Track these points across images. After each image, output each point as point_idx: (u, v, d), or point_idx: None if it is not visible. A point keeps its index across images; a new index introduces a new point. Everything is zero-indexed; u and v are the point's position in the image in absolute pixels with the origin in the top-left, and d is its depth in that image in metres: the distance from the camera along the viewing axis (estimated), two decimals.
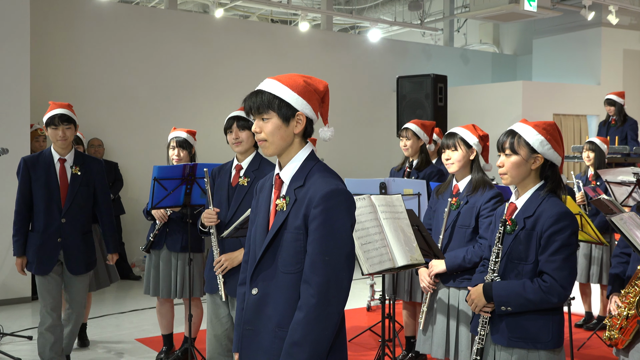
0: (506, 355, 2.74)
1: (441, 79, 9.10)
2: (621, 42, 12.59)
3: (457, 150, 3.58)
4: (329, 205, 2.17)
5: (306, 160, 2.31)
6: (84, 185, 4.52)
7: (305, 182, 2.25)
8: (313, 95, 2.33)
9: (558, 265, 2.68)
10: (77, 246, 4.50)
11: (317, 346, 2.14)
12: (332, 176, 2.28)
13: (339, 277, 2.18)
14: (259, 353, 2.28)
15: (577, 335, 5.72)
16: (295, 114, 2.27)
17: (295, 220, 2.22)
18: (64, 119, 4.37)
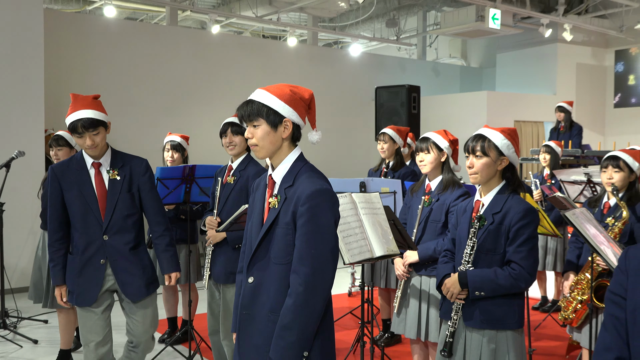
0: (478, 337, 2.77)
1: (415, 89, 9.14)
2: (575, 57, 12.70)
3: (429, 153, 3.60)
4: (314, 204, 2.19)
5: (295, 162, 2.32)
6: (125, 191, 3.38)
7: (294, 182, 2.27)
8: (299, 103, 2.35)
9: (525, 255, 2.72)
10: (128, 266, 3.38)
11: (304, 329, 2.17)
12: (318, 177, 2.29)
13: (324, 268, 2.20)
14: (254, 334, 2.30)
15: (534, 317, 5.77)
16: (283, 120, 2.28)
17: (285, 216, 2.24)
18: (87, 125, 3.23)
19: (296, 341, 2.17)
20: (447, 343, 2.83)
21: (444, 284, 2.85)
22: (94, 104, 3.30)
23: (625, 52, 12.27)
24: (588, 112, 12.55)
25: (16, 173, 5.71)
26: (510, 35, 12.36)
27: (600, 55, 13.08)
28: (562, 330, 5.36)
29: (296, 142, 2.36)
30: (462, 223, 2.90)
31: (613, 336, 1.49)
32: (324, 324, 2.28)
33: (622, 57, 12.31)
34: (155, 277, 3.54)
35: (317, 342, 2.24)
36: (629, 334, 1.46)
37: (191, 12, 11.63)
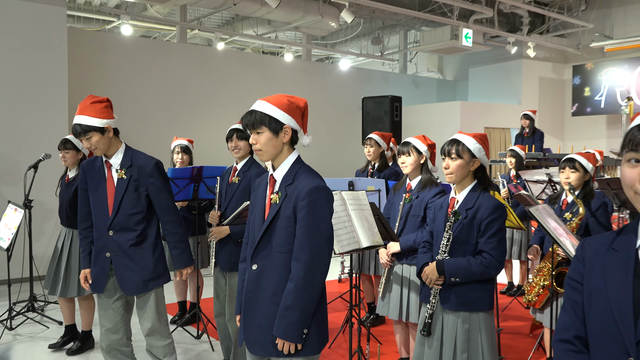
0: (453, 318, 2.77)
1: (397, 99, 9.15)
2: (537, 71, 12.75)
3: (410, 155, 3.60)
4: (312, 199, 2.21)
5: (294, 163, 2.34)
6: (131, 190, 3.15)
7: (294, 181, 2.29)
8: (296, 111, 2.36)
9: (494, 245, 2.73)
10: (128, 262, 3.16)
11: (304, 309, 2.20)
12: (315, 176, 2.32)
13: (321, 255, 2.23)
14: (259, 315, 2.31)
15: (501, 300, 5.79)
16: (283, 127, 2.29)
17: (286, 210, 2.25)
18: (78, 131, 3.07)
19: (297, 320, 2.19)
20: (426, 324, 2.83)
21: (423, 271, 2.85)
22: (88, 109, 3.07)
23: (582, 67, 12.33)
24: (549, 120, 12.60)
25: (43, 173, 5.70)
26: (481, 52, 12.40)
27: (560, 70, 13.14)
28: (526, 312, 5.38)
29: (294, 145, 2.37)
30: (438, 217, 2.91)
31: (572, 317, 1.49)
32: (320, 306, 2.29)
33: (578, 72, 12.36)
34: (157, 275, 3.22)
35: (314, 321, 2.26)
36: (585, 315, 1.46)
37: (199, 30, 11.59)
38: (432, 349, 2.82)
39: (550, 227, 3.14)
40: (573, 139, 12.66)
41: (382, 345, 4.57)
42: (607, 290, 1.39)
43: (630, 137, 1.33)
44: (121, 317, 3.28)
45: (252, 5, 8.96)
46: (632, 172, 1.32)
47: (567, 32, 12.30)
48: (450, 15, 10.18)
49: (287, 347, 2.22)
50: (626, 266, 1.38)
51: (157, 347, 3.19)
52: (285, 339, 2.20)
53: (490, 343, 2.77)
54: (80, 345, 4.53)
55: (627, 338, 1.33)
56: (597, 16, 12.01)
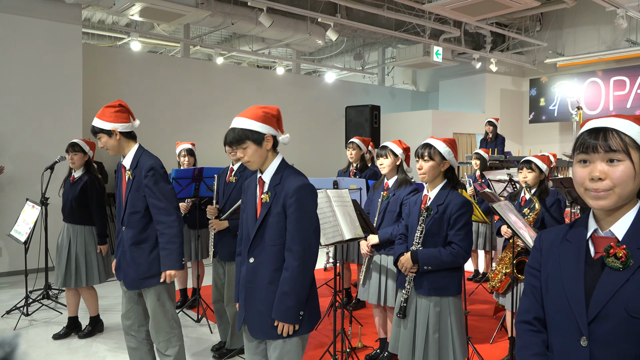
0: (426, 302, 2.76)
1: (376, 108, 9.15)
2: (499, 84, 12.81)
3: (387, 158, 3.59)
4: (300, 196, 2.21)
5: (279, 166, 2.32)
6: (134, 190, 3.00)
7: (281, 181, 2.27)
8: (272, 119, 2.33)
9: (462, 237, 2.72)
10: (128, 258, 3.01)
11: (300, 294, 2.21)
12: (300, 175, 2.31)
13: (311, 245, 2.23)
14: (257, 303, 2.29)
15: (468, 286, 5.81)
16: (264, 136, 2.27)
17: (276, 208, 2.24)
18: (91, 131, 3.04)
19: (294, 304, 2.20)
20: (402, 307, 2.81)
21: (399, 260, 2.84)
22: (101, 113, 2.99)
23: (537, 80, 12.41)
24: (509, 126, 12.67)
25: (59, 174, 5.61)
26: (450, 67, 12.44)
27: (518, 83, 13.22)
28: (490, 297, 5.39)
29: (276, 148, 2.35)
30: (413, 213, 2.89)
31: (531, 301, 1.49)
32: (312, 291, 2.30)
33: (535, 85, 12.44)
34: (151, 274, 2.98)
35: (307, 305, 2.27)
36: (543, 299, 1.46)
37: (200, 47, 11.51)
38: (407, 329, 2.80)
39: (510, 221, 3.14)
40: (530, 144, 12.75)
41: (363, 327, 4.56)
42: (561, 277, 1.39)
43: (580, 140, 1.35)
44: (133, 305, 3.12)
45: (248, 25, 8.91)
46: (583, 171, 1.34)
47: (524, 50, 12.38)
48: (423, 34, 10.20)
49: (286, 329, 2.22)
50: (578, 255, 1.38)
51: (158, 342, 3.06)
52: (284, 322, 2.21)
53: (459, 324, 2.76)
54: (90, 329, 4.45)
55: (580, 319, 1.33)
56: (551, 36, 12.09)
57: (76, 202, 4.25)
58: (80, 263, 4.27)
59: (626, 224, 1.34)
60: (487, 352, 4.02)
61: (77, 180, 4.31)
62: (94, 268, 4.30)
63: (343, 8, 9.08)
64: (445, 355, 2.72)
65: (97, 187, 4.30)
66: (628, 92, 10.91)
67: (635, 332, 1.26)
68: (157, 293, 3.03)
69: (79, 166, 4.33)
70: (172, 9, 7.33)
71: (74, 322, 4.51)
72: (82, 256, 4.28)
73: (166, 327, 3.05)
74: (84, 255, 4.28)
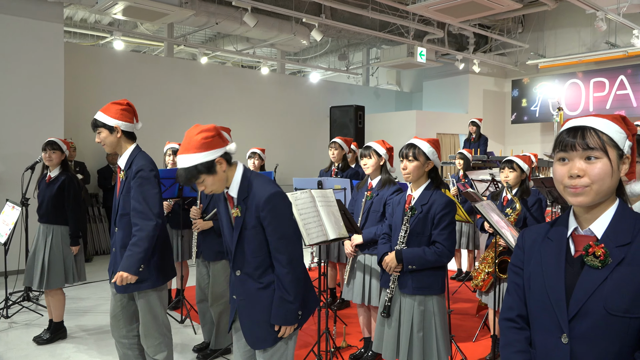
0: (410, 301, 2.77)
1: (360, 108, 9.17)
2: (481, 85, 12.92)
3: (371, 158, 3.59)
4: (271, 206, 2.16)
5: (242, 177, 2.23)
6: (125, 192, 2.90)
7: (249, 193, 2.20)
8: (216, 141, 2.14)
9: (446, 236, 2.73)
10: (118, 260, 2.90)
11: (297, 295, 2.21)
12: (266, 183, 2.21)
13: (295, 249, 2.22)
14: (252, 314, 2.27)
15: (451, 285, 5.84)
16: (214, 162, 2.14)
17: (250, 221, 2.19)
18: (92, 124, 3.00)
19: (294, 307, 2.21)
20: (386, 307, 2.82)
21: (384, 260, 2.84)
22: (107, 108, 2.96)
23: (519, 81, 12.54)
24: (492, 127, 12.78)
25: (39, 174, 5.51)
26: (433, 68, 12.52)
27: (501, 84, 13.35)
28: (473, 295, 5.43)
29: (230, 162, 2.21)
30: (396, 212, 2.89)
31: (514, 298, 1.51)
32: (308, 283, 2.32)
33: (517, 85, 12.57)
34: (142, 279, 2.84)
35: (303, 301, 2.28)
36: (526, 297, 1.47)
37: (184, 46, 11.43)
38: (391, 329, 2.80)
39: (493, 220, 3.17)
40: (512, 144, 12.88)
41: (347, 326, 4.56)
42: (543, 274, 1.41)
43: (560, 139, 1.38)
44: (121, 308, 3.03)
45: (233, 25, 8.87)
46: (562, 169, 1.36)
47: (506, 51, 12.51)
48: (407, 35, 10.25)
49: (288, 331, 2.24)
50: (559, 253, 1.40)
51: (147, 346, 2.99)
52: (285, 324, 2.22)
53: (443, 323, 2.77)
54: (50, 336, 4.30)
55: (560, 316, 1.35)
56: (532, 38, 12.23)
57: (53, 201, 4.15)
58: (52, 264, 4.15)
59: (605, 223, 1.36)
60: (470, 351, 4.05)
61: (54, 180, 4.21)
62: (69, 269, 4.20)
63: (327, 8, 9.08)
64: (429, 354, 2.73)
65: (75, 186, 4.20)
66: (607, 93, 11.09)
67: (614, 329, 1.28)
68: (148, 298, 2.95)
69: (56, 165, 4.24)
70: (155, 8, 7.27)
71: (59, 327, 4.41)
72: (56, 257, 4.16)
73: (156, 332, 2.99)
74: (55, 257, 4.16)
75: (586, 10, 8.71)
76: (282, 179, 9.39)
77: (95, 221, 8.23)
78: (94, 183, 8.30)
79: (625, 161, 1.36)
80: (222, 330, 3.92)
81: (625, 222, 1.35)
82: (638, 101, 10.63)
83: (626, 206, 1.38)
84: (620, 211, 1.37)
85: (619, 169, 1.35)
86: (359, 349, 3.99)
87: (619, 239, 1.33)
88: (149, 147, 7.96)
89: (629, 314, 1.27)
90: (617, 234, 1.34)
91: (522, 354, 1.45)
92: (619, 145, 1.34)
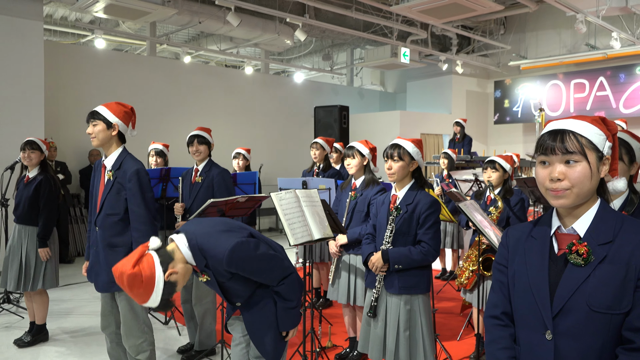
0: (397, 300, 2.78)
1: (345, 108, 9.18)
2: (465, 85, 13.04)
3: (355, 158, 3.60)
4: (237, 263, 2.05)
5: (191, 250, 2.08)
6: (113, 192, 2.91)
7: (209, 263, 2.08)
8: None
9: (431, 236, 2.75)
10: (101, 259, 2.92)
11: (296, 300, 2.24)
12: (218, 242, 2.06)
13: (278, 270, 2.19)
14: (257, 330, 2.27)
15: (435, 284, 5.88)
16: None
17: (223, 277, 2.12)
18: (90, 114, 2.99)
19: (297, 311, 2.26)
20: (373, 306, 2.82)
21: (370, 260, 2.84)
22: (111, 105, 3.00)
23: (502, 82, 12.68)
24: (475, 127, 12.89)
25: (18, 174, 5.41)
26: (417, 68, 12.59)
27: (484, 85, 13.48)
28: (457, 294, 5.47)
29: (171, 255, 2.03)
30: (381, 212, 2.90)
31: (499, 296, 1.53)
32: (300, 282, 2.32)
33: (499, 86, 12.71)
34: None
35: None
36: (510, 294, 1.49)
37: (167, 45, 11.33)
38: (377, 329, 2.81)
39: (476, 220, 3.20)
40: (495, 144, 13.02)
41: (332, 326, 4.56)
42: (527, 272, 1.43)
43: (541, 142, 1.40)
44: (110, 308, 3.05)
45: (216, 24, 8.81)
46: (543, 172, 1.39)
47: (489, 52, 12.63)
48: (390, 36, 10.29)
49: (294, 331, 2.30)
50: (542, 251, 1.43)
51: (129, 345, 2.99)
52: (294, 327, 2.27)
53: (428, 322, 2.79)
54: (31, 339, 4.23)
55: (544, 313, 1.37)
56: (514, 39, 12.38)
57: (30, 202, 4.07)
58: (31, 266, 4.08)
59: (587, 222, 1.39)
60: (455, 349, 4.08)
61: (32, 180, 4.13)
62: (49, 271, 4.13)
63: (311, 8, 9.08)
64: (416, 353, 2.74)
65: (50, 187, 4.10)
66: (587, 94, 11.27)
67: (596, 325, 1.31)
68: (128, 297, 2.93)
69: (35, 164, 4.16)
70: (137, 6, 7.20)
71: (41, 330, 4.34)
72: (34, 259, 4.09)
73: (137, 332, 2.98)
74: (34, 258, 4.09)
75: (566, 12, 8.84)
76: (267, 179, 9.37)
77: (77, 222, 8.11)
78: (75, 183, 8.19)
79: (605, 162, 1.39)
80: (206, 331, 3.90)
81: (606, 221, 1.38)
82: (617, 102, 10.81)
83: (607, 205, 1.41)
84: (602, 210, 1.40)
85: (599, 171, 1.38)
86: (344, 348, 4.00)
87: (601, 237, 1.36)
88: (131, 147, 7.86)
89: (611, 311, 1.30)
90: (599, 233, 1.36)
91: (506, 351, 1.47)
92: (598, 147, 1.37)
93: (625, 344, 1.30)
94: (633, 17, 10.12)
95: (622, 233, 1.34)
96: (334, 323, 4.63)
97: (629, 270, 1.30)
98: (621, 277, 1.30)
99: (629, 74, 10.68)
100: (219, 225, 2.13)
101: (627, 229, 1.35)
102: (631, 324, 1.29)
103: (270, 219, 10.78)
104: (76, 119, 7.97)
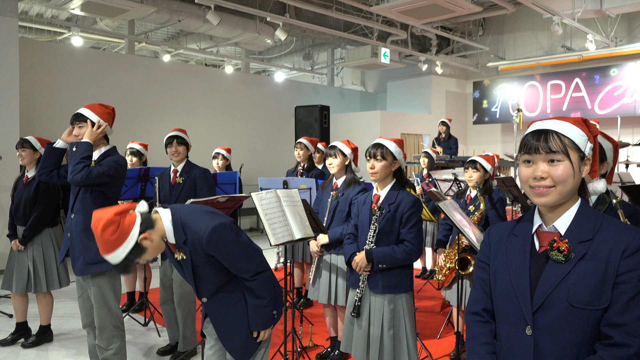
0: (380, 300, 2.78)
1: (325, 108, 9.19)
2: (444, 86, 13.16)
3: (336, 157, 3.60)
4: (215, 242, 2.04)
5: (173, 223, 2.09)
6: None
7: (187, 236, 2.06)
8: (123, 225, 1.92)
9: (414, 235, 2.76)
10: (76, 244, 3.01)
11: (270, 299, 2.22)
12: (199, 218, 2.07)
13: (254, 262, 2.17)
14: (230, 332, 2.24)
15: (416, 283, 5.92)
16: (138, 243, 1.96)
17: (199, 258, 2.10)
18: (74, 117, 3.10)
19: (269, 311, 2.22)
20: (356, 306, 2.82)
21: (353, 260, 2.83)
22: (93, 105, 3.13)
23: (480, 83, 12.83)
24: (454, 127, 12.96)
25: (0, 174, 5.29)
26: (397, 68, 12.67)
27: (463, 85, 13.62)
28: (437, 293, 5.52)
29: (152, 222, 2.02)
30: (363, 212, 2.90)
31: (480, 293, 1.55)
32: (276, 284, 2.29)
33: (478, 87, 12.86)
34: (100, 260, 2.81)
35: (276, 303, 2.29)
36: (491, 291, 1.51)
37: (146, 43, 11.19)
38: (361, 328, 2.81)
39: (455, 219, 3.22)
40: (474, 144, 13.17)
41: (313, 325, 4.55)
42: (508, 269, 1.46)
43: (524, 142, 1.43)
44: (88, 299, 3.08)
45: (196, 22, 8.73)
46: (527, 171, 1.41)
47: (468, 53, 12.77)
48: (371, 36, 10.33)
49: (268, 332, 2.26)
50: (524, 249, 1.45)
51: (101, 339, 3.00)
52: (265, 328, 2.23)
53: (411, 320, 2.80)
54: (36, 339, 4.17)
55: (525, 309, 1.39)
56: (492, 41, 12.54)
57: (30, 203, 3.97)
58: (38, 268, 4.01)
59: (568, 220, 1.42)
60: (435, 348, 4.10)
61: (31, 180, 4.02)
62: (54, 273, 4.06)
63: (292, 8, 9.06)
64: (400, 352, 2.75)
65: (50, 189, 4.01)
66: (564, 95, 11.47)
67: (576, 321, 1.33)
68: (100, 288, 2.98)
69: (29, 163, 4.04)
70: (115, 3, 7.09)
71: (23, 328, 4.26)
72: (41, 261, 4.01)
73: (109, 325, 3.00)
74: (42, 260, 4.02)
75: (543, 14, 8.98)
76: (247, 179, 9.31)
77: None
78: None
79: (586, 162, 1.42)
80: (189, 331, 3.86)
81: (586, 220, 1.41)
82: (593, 103, 11.03)
83: (587, 205, 1.45)
84: (582, 209, 1.43)
85: (581, 170, 1.41)
86: (325, 348, 3.99)
87: (581, 235, 1.39)
88: None
89: (590, 306, 1.32)
90: (579, 231, 1.39)
91: (486, 346, 1.49)
92: (580, 147, 1.40)
93: (603, 340, 1.32)
94: (607, 20, 10.34)
95: (602, 231, 1.38)
96: (314, 323, 4.62)
97: (608, 267, 1.33)
98: (600, 273, 1.33)
99: (604, 75, 10.90)
100: (205, 208, 2.18)
101: (606, 228, 1.38)
102: (609, 320, 1.31)
103: (251, 219, 10.73)
104: (52, 117, 7.83)
